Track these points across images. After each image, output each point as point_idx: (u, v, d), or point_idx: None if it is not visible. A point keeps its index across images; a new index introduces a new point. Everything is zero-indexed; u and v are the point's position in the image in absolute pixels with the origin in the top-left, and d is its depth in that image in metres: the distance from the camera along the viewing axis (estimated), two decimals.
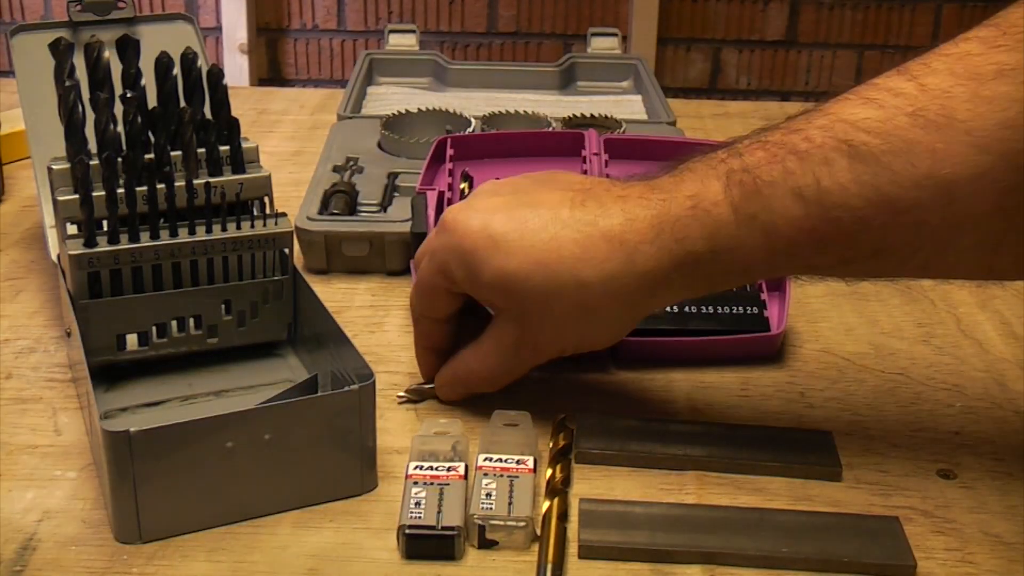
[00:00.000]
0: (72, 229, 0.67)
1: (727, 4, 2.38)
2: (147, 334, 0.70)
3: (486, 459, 0.62)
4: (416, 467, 0.61)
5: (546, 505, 0.59)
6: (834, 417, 0.70)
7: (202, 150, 0.69)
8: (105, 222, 0.66)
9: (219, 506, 0.59)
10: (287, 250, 0.72)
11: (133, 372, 0.71)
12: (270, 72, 2.44)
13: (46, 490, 0.62)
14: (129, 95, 0.67)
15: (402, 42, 1.36)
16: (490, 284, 0.63)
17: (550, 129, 1.07)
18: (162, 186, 0.67)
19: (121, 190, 0.66)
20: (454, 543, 0.57)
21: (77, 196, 0.66)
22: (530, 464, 0.62)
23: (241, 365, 0.72)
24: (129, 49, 0.69)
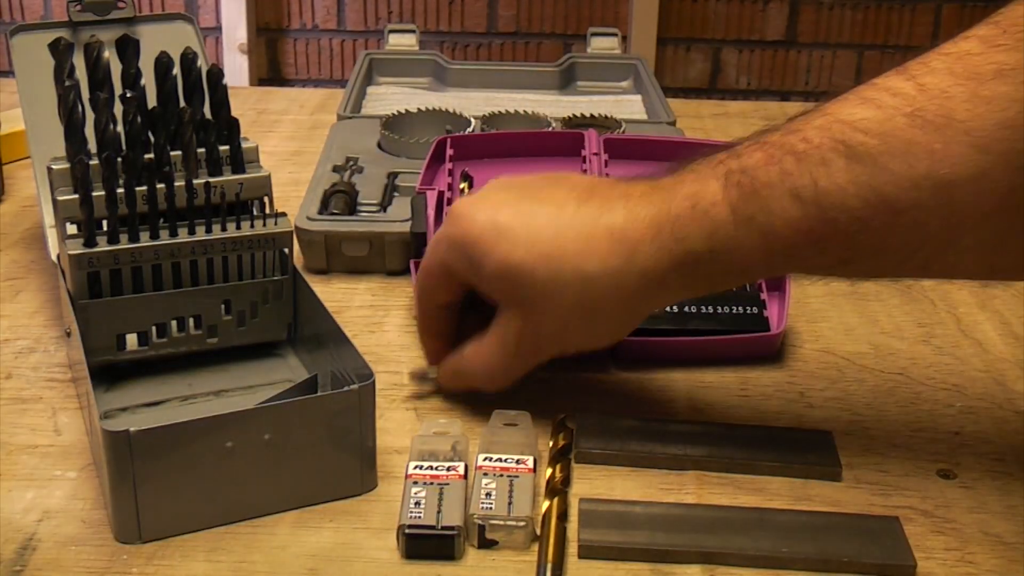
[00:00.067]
0: (72, 229, 0.67)
1: (727, 4, 2.38)
2: (147, 334, 0.70)
3: (486, 459, 0.62)
4: (416, 467, 0.61)
5: (546, 505, 0.59)
6: (834, 417, 0.70)
7: (202, 150, 0.69)
8: (105, 222, 0.66)
9: (219, 506, 0.59)
10: (287, 250, 0.72)
11: (133, 372, 0.71)
12: (270, 72, 2.44)
13: (46, 490, 0.62)
14: (129, 95, 0.67)
15: (402, 42, 1.36)
16: (493, 275, 0.63)
17: (550, 129, 1.07)
18: (162, 186, 0.67)
19: (121, 190, 0.66)
20: (454, 543, 0.57)
21: (77, 196, 0.66)
22: (530, 464, 0.62)
23: (241, 365, 0.72)
24: (129, 49, 0.69)
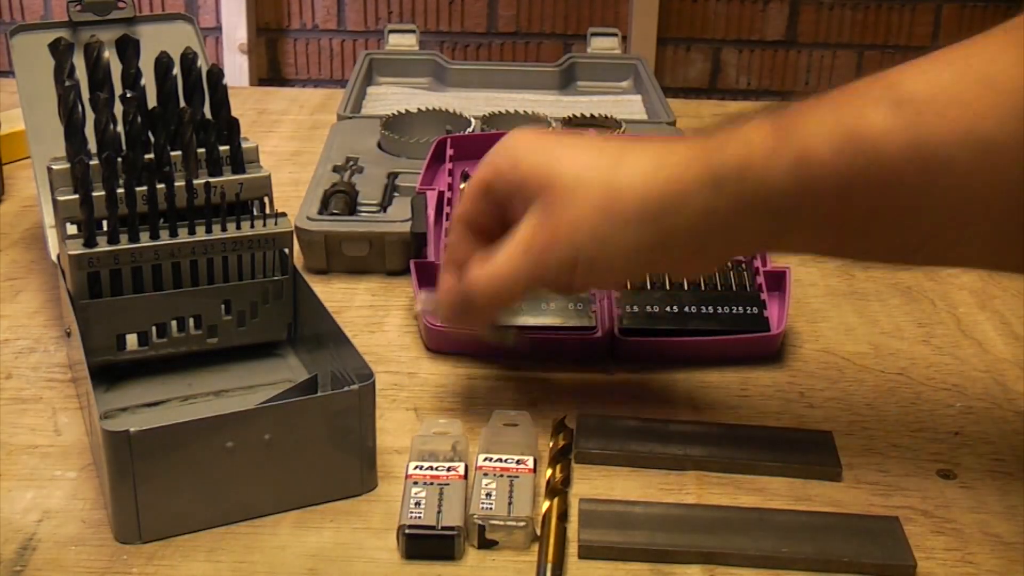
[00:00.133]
0: (72, 229, 0.67)
1: (727, 4, 2.38)
2: (147, 334, 0.70)
3: (486, 459, 0.62)
4: (416, 467, 0.61)
5: (546, 505, 0.59)
6: (834, 417, 0.70)
7: (202, 150, 0.69)
8: (105, 222, 0.66)
9: (219, 506, 0.59)
10: (287, 250, 0.72)
11: (133, 372, 0.71)
12: (270, 72, 2.44)
13: (46, 490, 0.62)
14: (129, 95, 0.67)
15: (402, 42, 1.36)
16: (528, 169, 0.62)
17: (550, 129, 1.07)
18: (162, 186, 0.67)
19: (121, 190, 0.66)
20: (454, 543, 0.57)
21: (77, 196, 0.66)
22: (530, 464, 0.62)
23: (241, 365, 0.72)
24: (129, 49, 0.69)
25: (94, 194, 0.66)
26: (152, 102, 0.69)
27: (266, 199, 0.71)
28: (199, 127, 0.69)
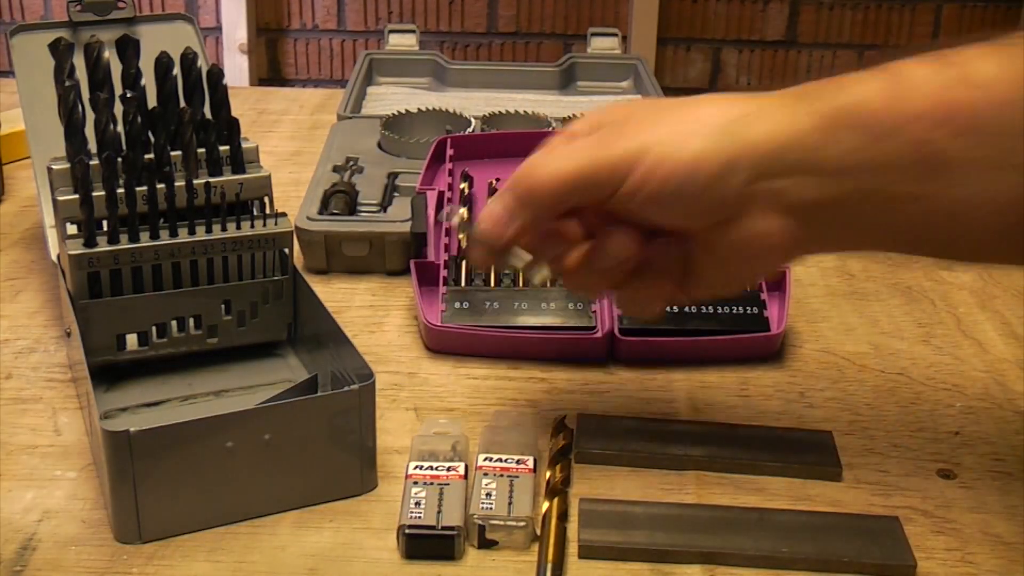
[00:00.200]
0: (72, 229, 0.67)
1: (727, 4, 2.38)
2: (147, 334, 0.70)
3: (486, 459, 0.62)
4: (416, 467, 0.61)
5: (546, 505, 0.59)
6: (834, 417, 0.70)
7: (202, 150, 0.69)
8: (105, 222, 0.66)
9: (219, 506, 0.59)
10: (287, 250, 0.72)
11: (133, 372, 0.71)
12: (270, 72, 2.44)
13: (46, 490, 0.62)
14: (129, 95, 0.67)
15: (402, 42, 1.36)
16: (607, 110, 0.59)
17: (550, 129, 1.07)
18: (162, 186, 0.67)
19: (121, 190, 0.66)
20: (454, 543, 0.57)
21: (77, 196, 0.66)
22: (530, 464, 0.62)
23: (241, 365, 0.72)
24: (129, 49, 0.69)
25: (94, 194, 0.66)
26: (152, 102, 0.69)
27: (266, 199, 0.71)
28: (199, 127, 0.69)
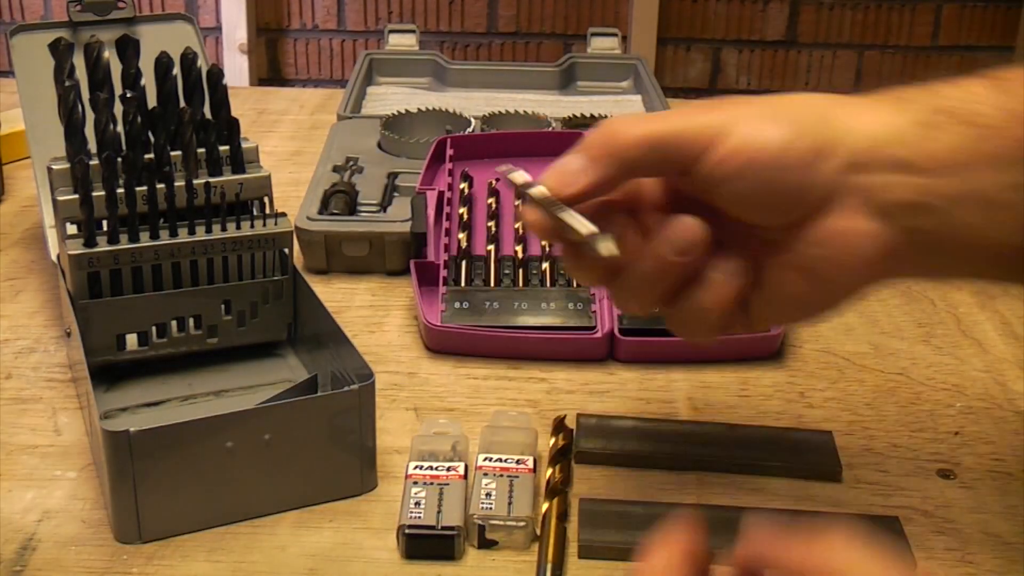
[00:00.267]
0: (72, 229, 0.67)
1: (727, 4, 2.38)
2: (147, 334, 0.70)
3: (486, 459, 0.62)
4: (416, 467, 0.61)
5: (546, 505, 0.59)
6: (834, 417, 0.70)
7: (202, 150, 0.69)
8: (105, 222, 0.66)
9: (219, 506, 0.59)
10: (287, 250, 0.72)
11: (133, 372, 0.71)
12: (270, 72, 2.44)
13: (46, 490, 0.62)
14: (129, 95, 0.67)
15: (402, 42, 1.36)
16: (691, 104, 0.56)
17: (550, 129, 1.07)
18: (162, 186, 0.67)
19: (121, 190, 0.66)
20: (454, 543, 0.57)
21: (77, 196, 0.66)
22: (530, 464, 0.62)
23: (241, 365, 0.72)
24: (129, 49, 0.69)
25: (94, 194, 0.66)
26: (152, 102, 0.69)
27: (266, 199, 0.71)
28: (199, 127, 0.69)
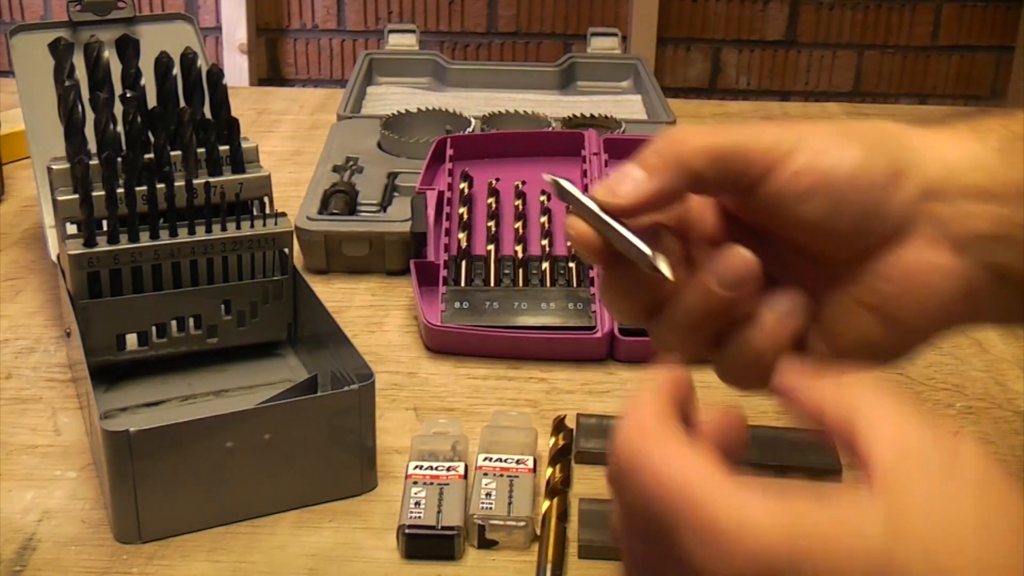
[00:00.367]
0: (72, 229, 0.67)
1: (727, 4, 2.38)
2: (147, 334, 0.70)
3: (486, 459, 0.62)
4: (416, 467, 0.61)
5: (546, 505, 0.59)
6: None
7: (202, 150, 0.69)
8: (105, 222, 0.66)
9: (219, 506, 0.59)
10: (287, 250, 0.72)
11: (133, 372, 0.71)
12: (270, 72, 2.44)
13: (46, 490, 0.62)
14: (129, 95, 0.67)
15: (402, 42, 1.36)
16: None
17: (550, 129, 1.07)
18: (162, 186, 0.67)
19: (121, 190, 0.66)
20: (454, 543, 0.57)
21: (77, 196, 0.66)
22: (530, 464, 0.62)
23: (241, 365, 0.72)
24: (129, 49, 0.69)
25: (94, 194, 0.66)
26: (152, 102, 0.69)
27: (266, 199, 0.71)
28: (199, 127, 0.69)
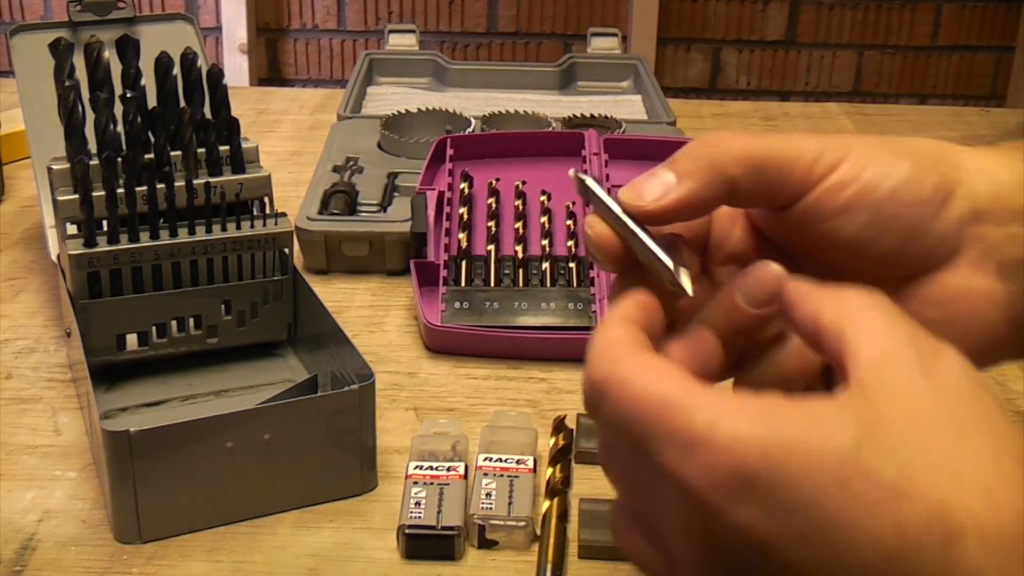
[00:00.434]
0: (72, 229, 0.67)
1: (727, 4, 2.38)
2: (147, 334, 0.70)
3: (486, 459, 0.62)
4: (416, 467, 0.61)
5: (546, 505, 0.59)
6: None
7: (202, 150, 0.69)
8: (105, 222, 0.66)
9: (219, 506, 0.59)
10: (287, 250, 0.72)
11: (133, 372, 0.71)
12: (270, 72, 2.44)
13: (46, 490, 0.62)
14: (129, 95, 0.67)
15: (402, 42, 1.36)
16: None
17: (550, 129, 1.07)
18: (162, 186, 0.67)
19: (121, 190, 0.66)
20: (454, 543, 0.57)
21: (77, 196, 0.66)
22: (530, 464, 0.62)
23: (241, 365, 0.72)
24: (129, 49, 0.69)
25: (94, 194, 0.66)
26: (152, 102, 0.69)
27: (266, 199, 0.71)
28: (199, 127, 0.69)
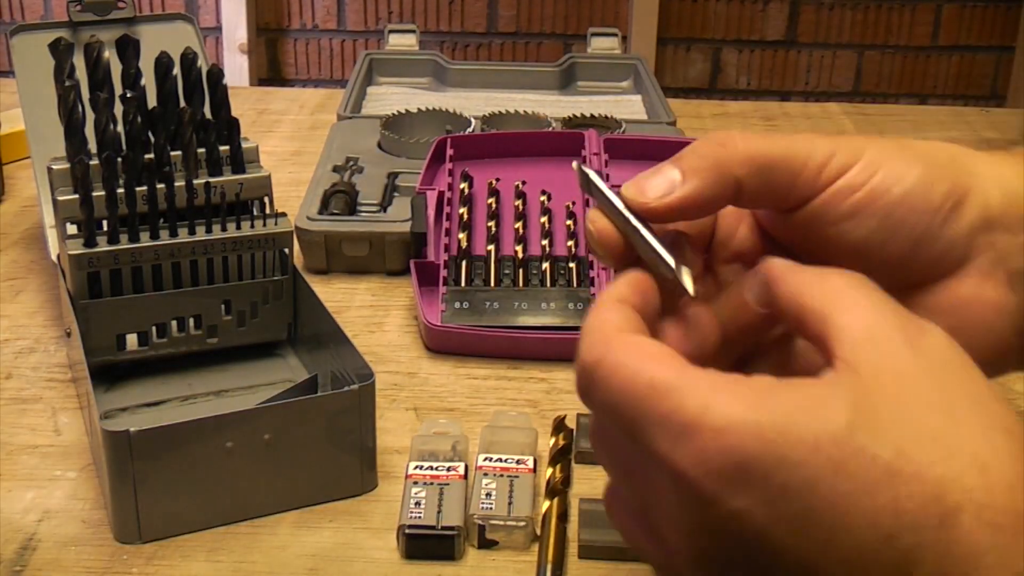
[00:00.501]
0: (72, 229, 0.67)
1: (727, 4, 2.38)
2: (147, 334, 0.70)
3: (486, 459, 0.62)
4: (416, 467, 0.61)
5: (546, 505, 0.59)
6: None
7: (202, 150, 0.69)
8: (105, 222, 0.66)
9: (219, 506, 0.59)
10: (287, 250, 0.72)
11: (133, 372, 0.71)
12: (270, 72, 2.44)
13: (46, 490, 0.62)
14: (129, 95, 0.67)
15: (402, 42, 1.36)
16: None
17: (550, 129, 1.07)
18: (162, 186, 0.67)
19: (121, 190, 0.66)
20: (454, 543, 0.57)
21: (77, 196, 0.66)
22: (530, 464, 0.62)
23: (241, 365, 0.72)
24: (129, 49, 0.69)
25: (94, 194, 0.66)
26: (152, 102, 0.69)
27: (266, 199, 0.71)
28: (199, 127, 0.69)
